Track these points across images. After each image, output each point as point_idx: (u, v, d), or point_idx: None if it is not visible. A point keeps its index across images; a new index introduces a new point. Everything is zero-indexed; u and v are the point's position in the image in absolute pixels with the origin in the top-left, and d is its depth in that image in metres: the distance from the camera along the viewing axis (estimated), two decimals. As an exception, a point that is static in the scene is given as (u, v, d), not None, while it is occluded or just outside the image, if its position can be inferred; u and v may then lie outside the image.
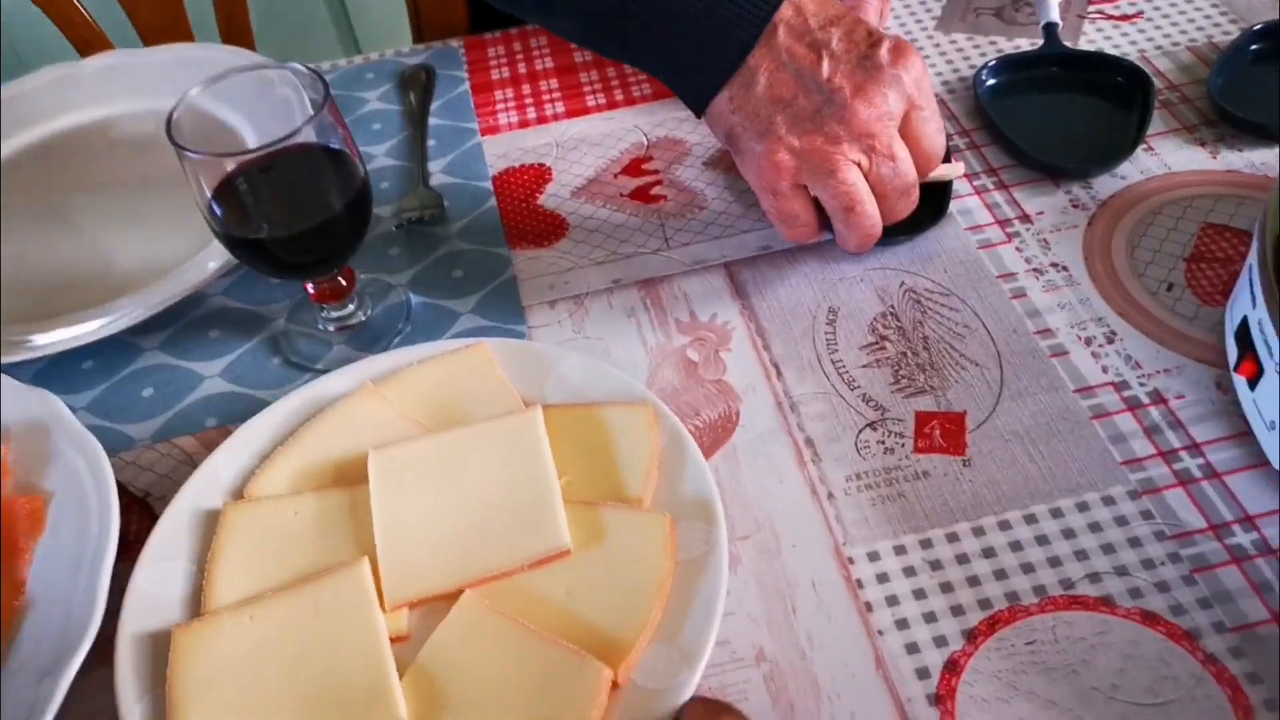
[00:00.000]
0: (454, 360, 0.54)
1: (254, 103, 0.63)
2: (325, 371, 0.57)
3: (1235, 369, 0.50)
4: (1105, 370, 0.53)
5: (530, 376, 0.53)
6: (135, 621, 0.46)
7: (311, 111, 0.70)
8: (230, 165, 0.50)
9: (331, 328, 0.59)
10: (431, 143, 0.72)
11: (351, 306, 0.59)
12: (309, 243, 0.53)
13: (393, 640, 0.44)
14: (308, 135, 0.50)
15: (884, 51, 0.52)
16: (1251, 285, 0.49)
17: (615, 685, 0.42)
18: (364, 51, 0.83)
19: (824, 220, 0.56)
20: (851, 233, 0.55)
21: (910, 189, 0.54)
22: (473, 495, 0.48)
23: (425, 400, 0.53)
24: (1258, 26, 0.68)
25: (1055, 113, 0.67)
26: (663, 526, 0.46)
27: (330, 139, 0.52)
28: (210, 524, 0.49)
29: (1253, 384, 0.48)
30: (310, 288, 0.57)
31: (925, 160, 0.55)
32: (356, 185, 0.53)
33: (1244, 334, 0.49)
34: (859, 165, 0.52)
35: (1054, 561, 0.46)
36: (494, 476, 0.48)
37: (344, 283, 0.58)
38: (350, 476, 0.50)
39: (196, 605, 0.47)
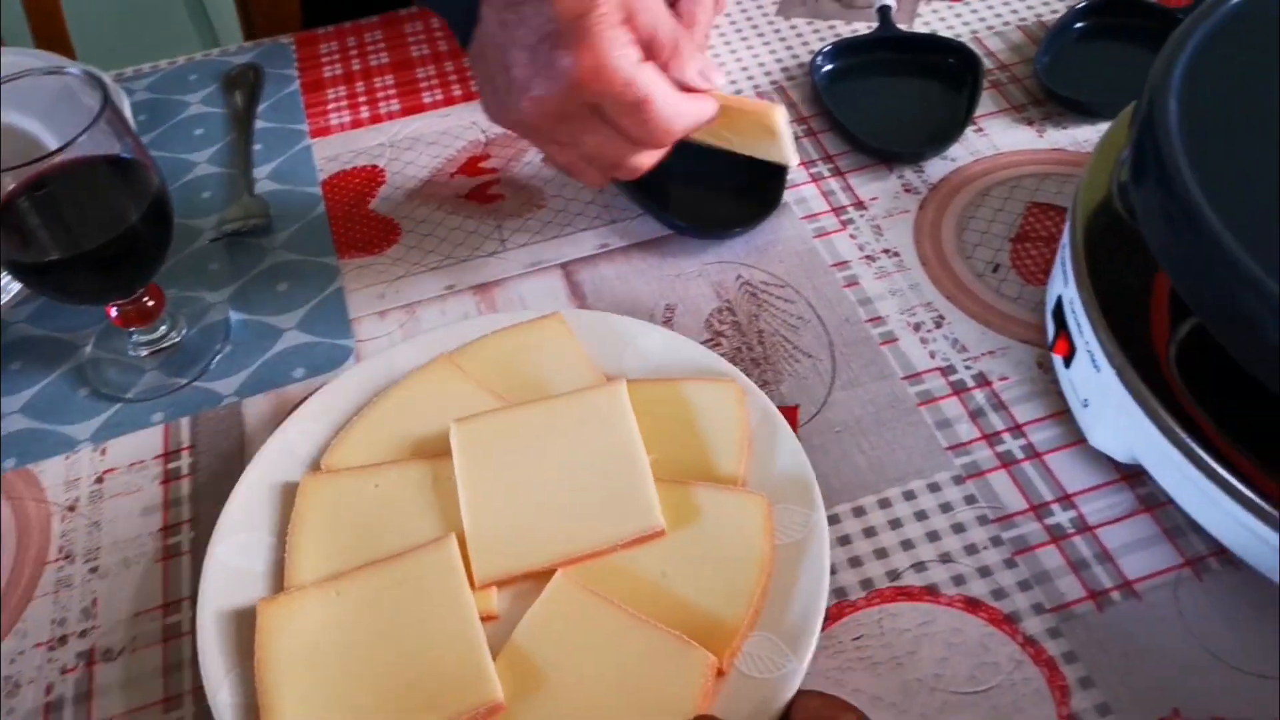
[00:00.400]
0: (530, 330, 0.53)
1: (54, 111, 0.59)
2: (136, 401, 0.54)
3: (1051, 348, 0.50)
4: (933, 356, 0.54)
5: (607, 348, 0.52)
6: (218, 596, 0.45)
7: (130, 120, 0.66)
8: (8, 181, 0.47)
9: (143, 353, 0.56)
10: (258, 147, 0.69)
11: (163, 329, 0.56)
12: (101, 264, 0.50)
13: (482, 619, 0.43)
14: (89, 146, 0.47)
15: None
16: (1065, 263, 0.50)
17: (720, 673, 0.41)
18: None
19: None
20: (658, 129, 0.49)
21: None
22: (560, 471, 0.47)
23: (502, 371, 0.52)
24: (1081, 4, 0.69)
25: (889, 96, 0.68)
26: (761, 508, 0.45)
27: (118, 149, 0.48)
28: (287, 496, 0.48)
29: (1067, 362, 0.49)
30: (114, 312, 0.54)
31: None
32: (150, 198, 0.49)
33: (1059, 313, 0.50)
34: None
35: (880, 554, 0.46)
36: (581, 451, 0.47)
37: (151, 304, 0.54)
38: (430, 449, 0.49)
39: (279, 579, 0.46)
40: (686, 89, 0.50)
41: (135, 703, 0.44)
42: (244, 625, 0.44)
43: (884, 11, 0.70)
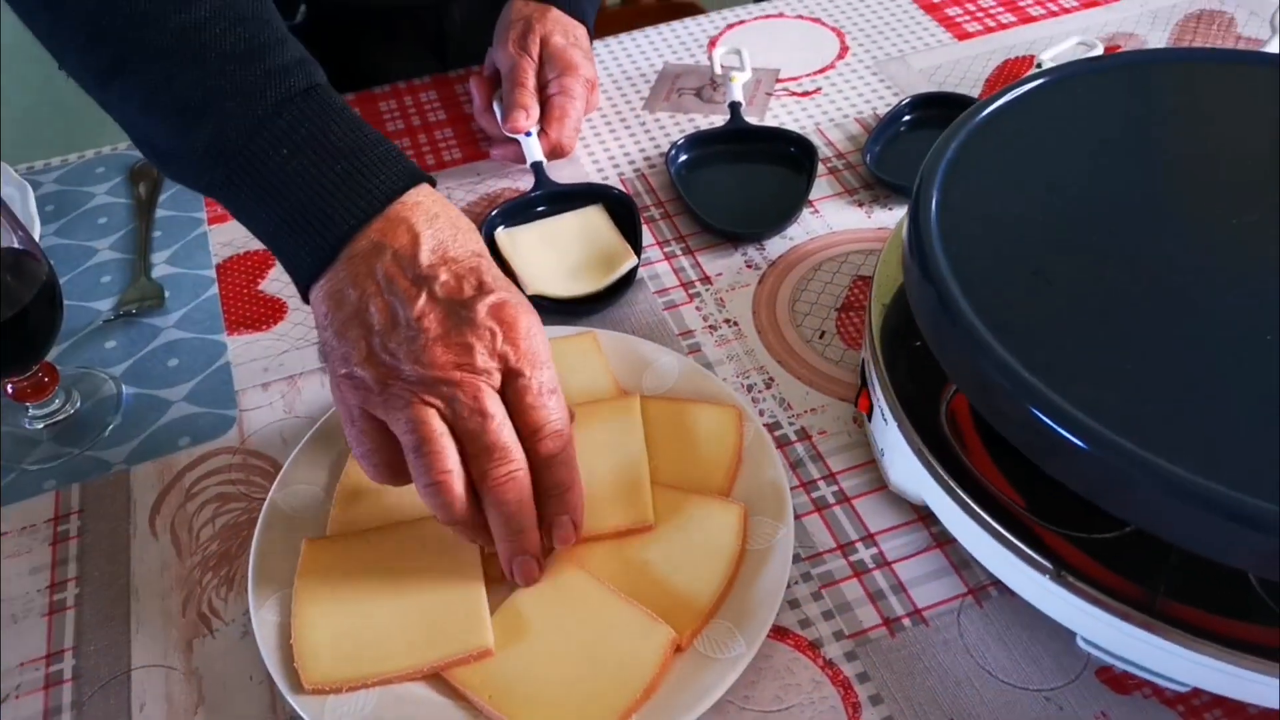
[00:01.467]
0: (565, 344, 0.61)
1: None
2: (30, 470, 0.58)
3: (855, 403, 0.57)
4: (762, 413, 0.60)
5: (631, 367, 0.60)
6: (270, 533, 0.53)
7: (33, 211, 0.71)
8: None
9: (39, 425, 0.60)
10: (157, 234, 0.74)
11: (57, 403, 0.60)
12: (-7, 345, 0.54)
13: (488, 581, 0.51)
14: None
15: (483, 305, 0.47)
16: (868, 327, 0.57)
17: (679, 649, 0.48)
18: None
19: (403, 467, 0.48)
20: (421, 478, 0.46)
21: (520, 460, 0.47)
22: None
23: None
24: (906, 100, 0.78)
25: (737, 182, 0.75)
26: (738, 515, 0.52)
27: (7, 240, 0.53)
28: (340, 459, 0.56)
29: (869, 416, 0.56)
30: (9, 389, 0.58)
31: (528, 430, 0.48)
32: (39, 285, 0.54)
33: (863, 372, 0.57)
34: (438, 410, 0.46)
35: (702, 590, 0.52)
36: (595, 451, 0.55)
37: (45, 380, 0.59)
38: None
39: (323, 526, 0.54)
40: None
41: (13, 749, 0.48)
42: (289, 558, 0.52)
43: (734, 107, 0.78)
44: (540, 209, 0.72)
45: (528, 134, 0.74)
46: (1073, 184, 0.53)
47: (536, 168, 0.74)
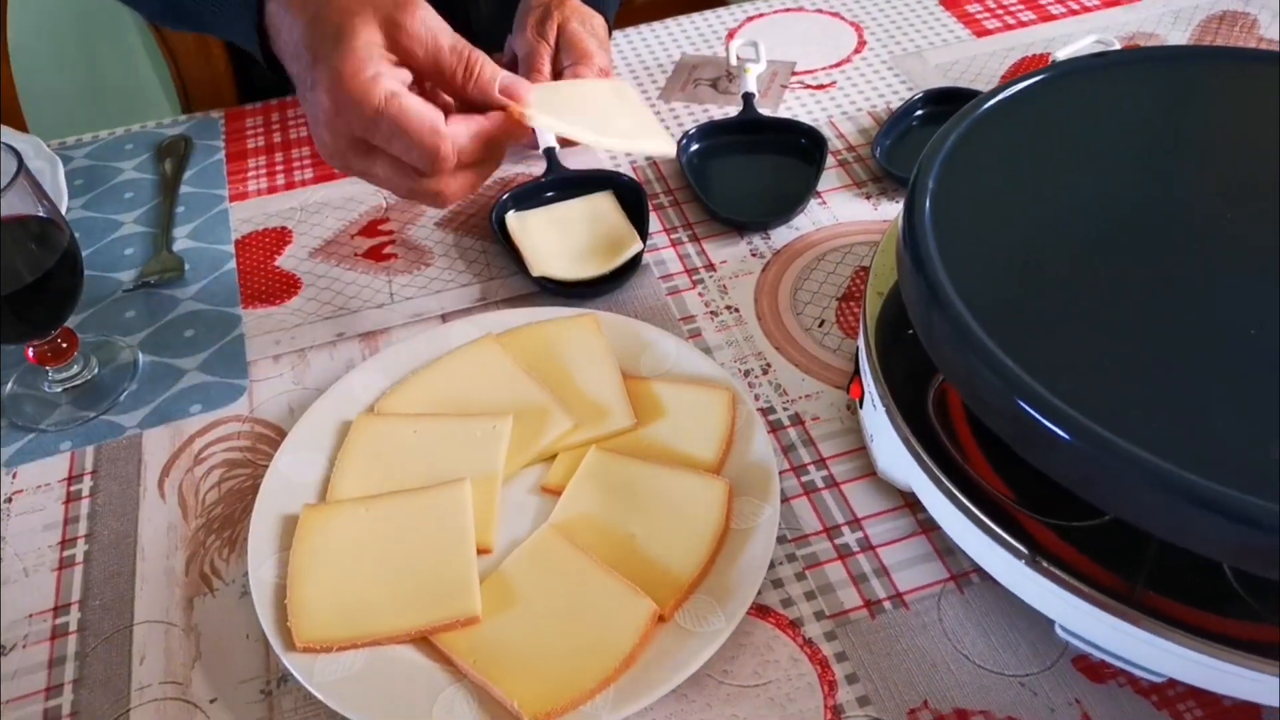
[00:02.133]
0: (567, 325, 0.63)
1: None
2: (48, 432, 0.61)
3: (847, 389, 0.58)
4: (758, 398, 0.61)
5: (630, 348, 0.62)
6: (272, 497, 0.55)
7: (62, 184, 0.74)
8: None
9: (58, 389, 0.62)
10: (181, 209, 0.76)
11: (76, 368, 0.63)
12: (16, 309, 0.56)
13: (478, 551, 0.52)
14: (5, 207, 0.54)
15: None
16: (863, 315, 0.57)
17: (662, 619, 0.49)
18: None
19: None
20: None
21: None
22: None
23: (538, 355, 0.61)
24: (918, 95, 0.79)
25: (746, 172, 0.76)
26: (724, 492, 0.53)
27: (35, 210, 0.55)
28: (344, 430, 0.58)
29: (860, 402, 0.56)
30: (30, 352, 0.60)
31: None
32: (61, 252, 0.56)
33: (857, 360, 0.57)
34: None
35: (688, 567, 0.53)
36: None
37: (65, 345, 0.61)
38: (465, 408, 0.59)
39: (323, 492, 0.56)
40: (496, 108, 0.53)
41: (19, 692, 0.50)
42: (289, 522, 0.53)
43: (748, 98, 0.79)
44: (550, 194, 0.73)
45: None
46: (1067, 179, 0.53)
47: (549, 153, 0.75)
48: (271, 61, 0.59)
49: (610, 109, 0.62)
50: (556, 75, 0.78)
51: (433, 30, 0.51)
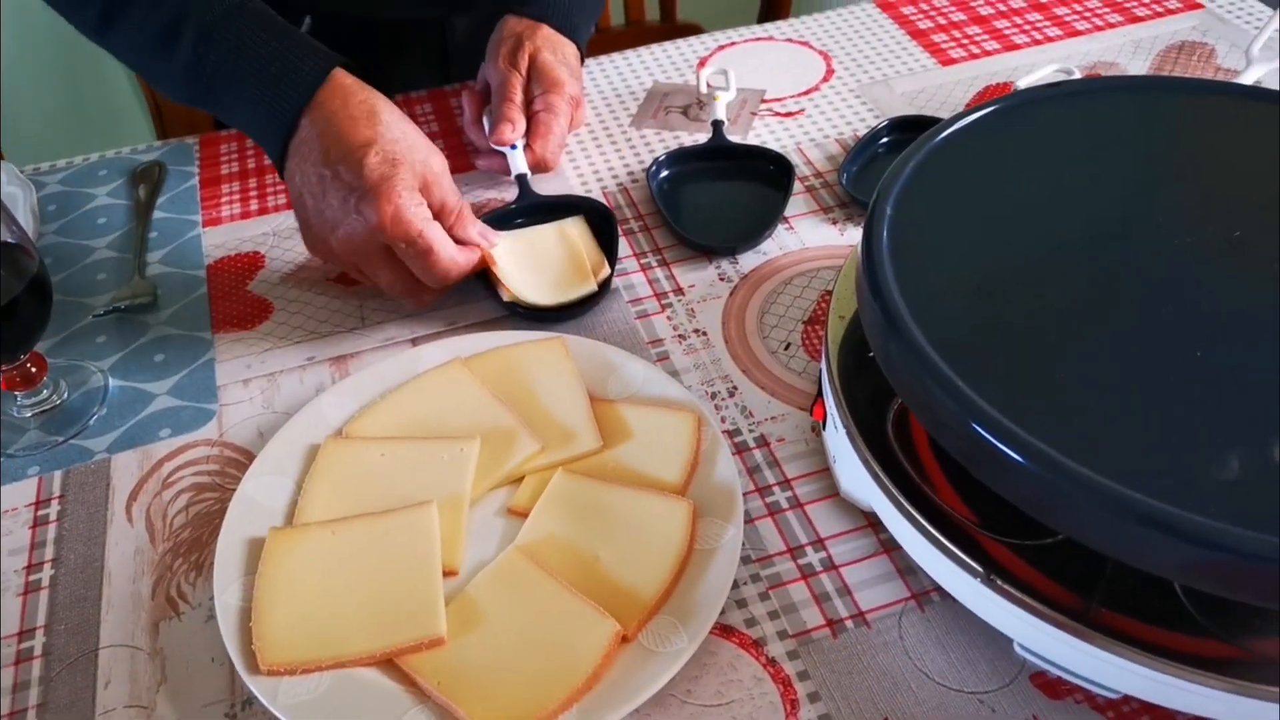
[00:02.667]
0: (535, 348, 0.64)
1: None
2: (15, 457, 0.61)
3: (811, 411, 0.58)
4: (724, 420, 0.62)
5: (598, 371, 0.62)
6: (240, 520, 0.55)
7: (35, 210, 0.74)
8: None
9: (28, 413, 0.63)
10: (153, 235, 0.76)
11: (46, 393, 0.63)
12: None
13: (445, 573, 0.53)
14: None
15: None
16: (825, 338, 0.58)
17: (625, 640, 0.50)
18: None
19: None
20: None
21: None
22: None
23: (505, 378, 0.62)
24: (883, 123, 0.80)
25: (715, 197, 0.77)
26: (687, 513, 0.54)
27: (2, 235, 0.56)
28: (312, 454, 0.59)
29: (824, 424, 0.57)
30: (-1, 376, 0.61)
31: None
32: (29, 277, 0.57)
33: (820, 382, 0.58)
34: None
35: (652, 588, 0.53)
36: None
37: (34, 370, 0.61)
38: (431, 431, 0.59)
39: (291, 516, 0.56)
40: (465, 244, 0.66)
41: (-18, 719, 0.50)
42: (255, 546, 0.54)
43: (717, 125, 0.80)
44: (521, 220, 0.74)
45: (513, 147, 0.77)
46: (1023, 206, 0.55)
47: (520, 179, 0.76)
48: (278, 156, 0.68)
49: (552, 257, 0.71)
50: (529, 103, 0.79)
51: (444, 188, 0.65)
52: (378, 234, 0.62)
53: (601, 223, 0.73)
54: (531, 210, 0.75)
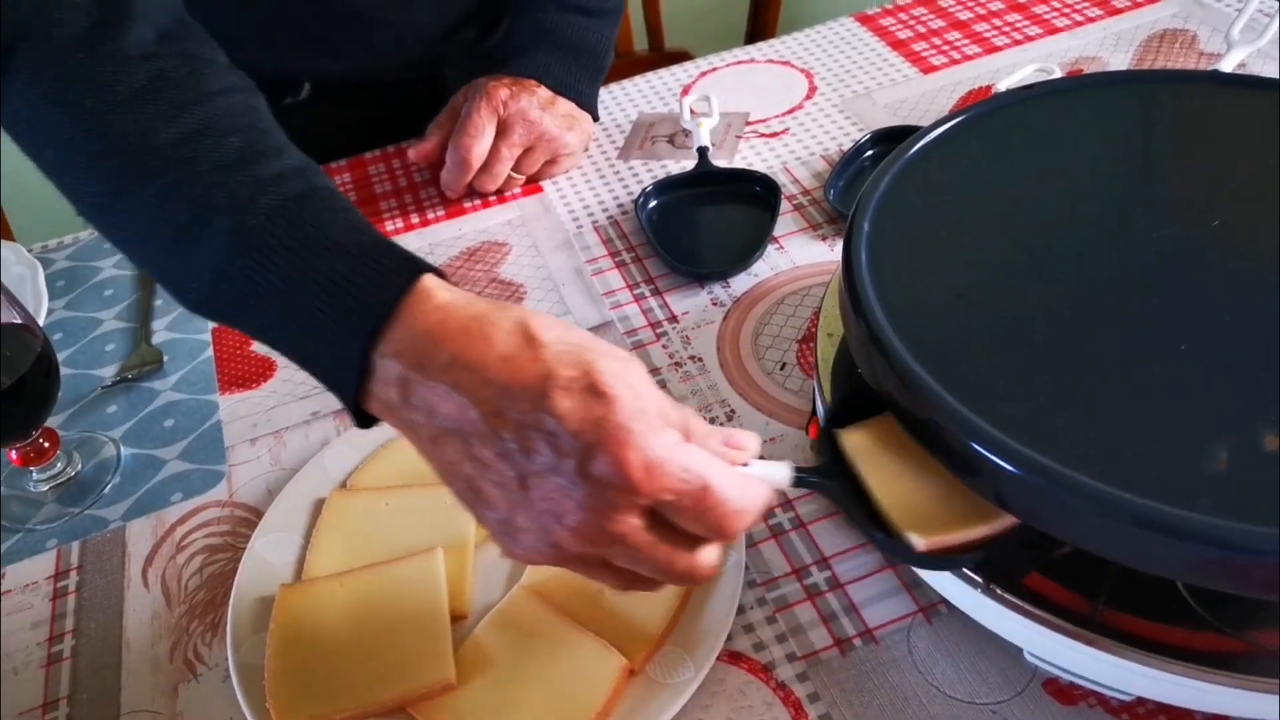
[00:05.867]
0: None
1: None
2: (35, 531, 0.62)
3: (806, 430, 0.59)
4: (723, 445, 0.62)
5: None
6: (249, 580, 0.56)
7: (42, 288, 0.76)
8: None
9: (44, 487, 0.64)
10: (159, 302, 0.78)
11: (60, 465, 0.64)
12: (-7, 415, 0.58)
13: (454, 618, 0.54)
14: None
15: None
16: (815, 355, 0.59)
17: (633, 673, 0.50)
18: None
19: None
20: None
21: None
22: None
23: None
24: (866, 137, 0.81)
25: (704, 223, 0.78)
26: None
27: (7, 316, 0.58)
28: (318, 508, 0.60)
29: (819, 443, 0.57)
30: (13, 454, 0.62)
31: None
32: (35, 356, 0.58)
33: (814, 399, 0.59)
34: None
35: (659, 619, 0.54)
36: None
37: (46, 445, 0.63)
38: (435, 477, 0.54)
39: (299, 571, 0.57)
40: None
41: (11, 793, 0.51)
42: (266, 604, 0.55)
43: (702, 151, 0.81)
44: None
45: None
46: (1001, 211, 0.55)
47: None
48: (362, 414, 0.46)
49: None
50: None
51: (669, 403, 0.44)
52: (633, 498, 0.40)
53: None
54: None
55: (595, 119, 0.87)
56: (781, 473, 0.46)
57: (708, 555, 0.44)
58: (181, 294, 0.48)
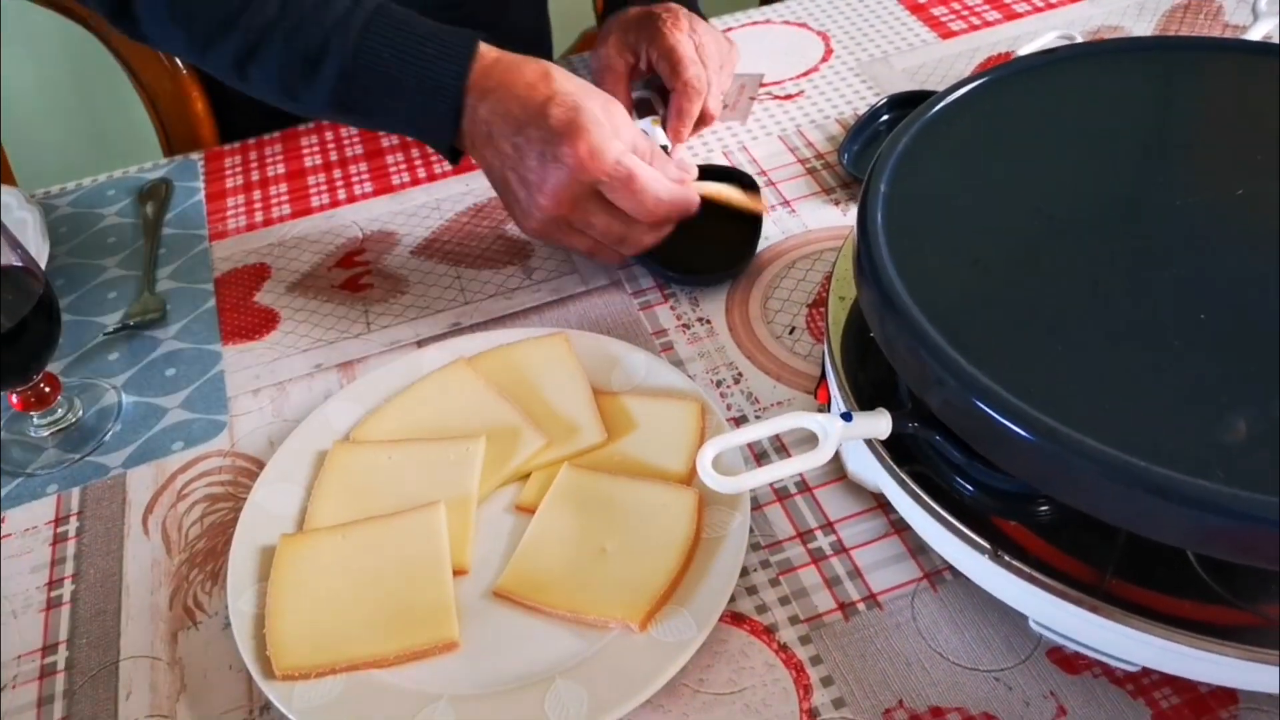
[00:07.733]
0: (538, 345, 0.64)
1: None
2: (35, 476, 0.62)
3: (815, 394, 0.58)
4: (730, 408, 0.61)
5: (601, 365, 0.63)
6: (252, 528, 0.56)
7: (44, 233, 0.75)
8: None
9: (44, 433, 0.64)
10: (162, 251, 0.77)
11: (61, 411, 0.64)
12: (-7, 357, 0.58)
13: (455, 573, 0.53)
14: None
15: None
16: (827, 320, 0.58)
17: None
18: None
19: None
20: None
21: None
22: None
23: (510, 376, 0.62)
24: (882, 101, 0.79)
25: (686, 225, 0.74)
26: (693, 502, 0.54)
27: (9, 259, 0.57)
28: (320, 460, 0.59)
29: (827, 407, 0.57)
30: (14, 398, 0.62)
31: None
32: (36, 299, 0.58)
33: (824, 364, 0.58)
34: None
35: (662, 578, 0.53)
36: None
37: (48, 390, 0.62)
38: (438, 433, 0.59)
39: (301, 522, 0.56)
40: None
41: (9, 734, 0.51)
42: (267, 553, 0.54)
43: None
44: None
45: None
46: (1018, 176, 0.54)
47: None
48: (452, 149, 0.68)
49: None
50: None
51: (630, 132, 0.64)
52: (580, 175, 0.61)
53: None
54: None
55: None
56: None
57: (643, 233, 0.65)
58: (315, 112, 0.70)
